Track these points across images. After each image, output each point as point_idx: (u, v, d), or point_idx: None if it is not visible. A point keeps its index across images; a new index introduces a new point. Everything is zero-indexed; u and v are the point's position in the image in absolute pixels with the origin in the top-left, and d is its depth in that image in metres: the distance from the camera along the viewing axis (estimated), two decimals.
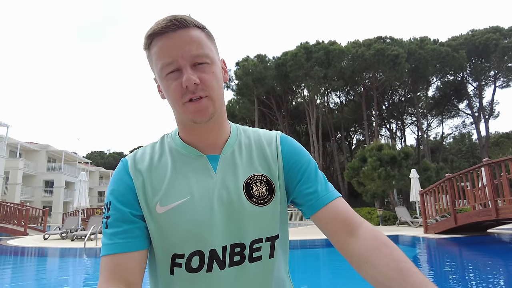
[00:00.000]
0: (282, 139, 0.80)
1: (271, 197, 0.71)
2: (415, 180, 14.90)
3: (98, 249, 9.45)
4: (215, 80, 0.67)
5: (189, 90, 0.64)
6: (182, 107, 0.66)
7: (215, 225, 0.66)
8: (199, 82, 0.64)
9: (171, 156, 0.72)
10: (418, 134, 34.55)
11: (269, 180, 0.73)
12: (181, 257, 0.66)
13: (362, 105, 30.18)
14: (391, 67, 26.33)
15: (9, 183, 29.79)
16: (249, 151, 0.76)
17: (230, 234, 0.67)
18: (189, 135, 0.74)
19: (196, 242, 0.65)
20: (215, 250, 0.66)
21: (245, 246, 0.67)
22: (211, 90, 0.66)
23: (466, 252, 7.59)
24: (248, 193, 0.69)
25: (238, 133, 0.79)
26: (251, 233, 0.68)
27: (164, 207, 0.66)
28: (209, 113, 0.67)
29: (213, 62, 0.68)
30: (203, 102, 0.66)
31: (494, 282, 4.38)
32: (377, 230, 0.66)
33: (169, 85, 0.66)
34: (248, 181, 0.71)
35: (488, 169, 8.78)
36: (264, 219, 0.69)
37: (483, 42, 28.90)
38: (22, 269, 7.21)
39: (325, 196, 0.72)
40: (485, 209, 8.88)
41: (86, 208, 19.10)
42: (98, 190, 49.32)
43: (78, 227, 13.43)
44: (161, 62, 0.65)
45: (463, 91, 32.66)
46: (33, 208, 17.24)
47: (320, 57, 26.99)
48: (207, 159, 0.72)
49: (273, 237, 0.70)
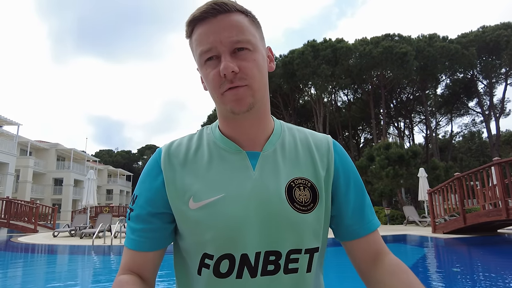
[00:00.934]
0: (335, 146, 0.73)
1: (314, 205, 0.65)
2: (424, 179, 14.75)
3: (106, 246, 9.57)
4: (256, 68, 0.62)
5: (227, 79, 0.60)
6: (220, 97, 0.62)
7: (249, 228, 0.61)
8: (238, 70, 0.59)
9: (208, 149, 0.68)
10: (427, 132, 34.17)
11: (314, 186, 0.66)
12: (210, 258, 0.62)
13: (370, 103, 29.93)
14: (399, 65, 26.05)
15: (20, 181, 30.29)
16: (293, 151, 0.69)
17: (265, 240, 0.61)
18: (229, 128, 0.69)
19: (227, 244, 0.61)
20: (247, 256, 0.61)
21: (281, 255, 0.62)
22: (251, 79, 0.61)
23: (475, 253, 7.48)
24: (290, 197, 0.63)
25: (282, 130, 0.73)
26: (289, 241, 0.62)
27: (197, 203, 0.62)
28: (247, 103, 0.62)
29: (255, 49, 0.63)
30: (241, 91, 0.61)
31: (505, 284, 4.31)
32: (399, 260, 0.66)
33: (207, 74, 0.63)
34: (291, 184, 0.65)
35: (498, 168, 8.64)
36: (305, 228, 0.63)
37: (494, 38, 28.40)
38: (33, 265, 7.32)
39: (369, 224, 0.69)
40: (495, 209, 8.75)
41: (94, 206, 19.33)
42: (107, 188, 49.89)
43: (87, 225, 13.60)
44: (200, 49, 0.62)
45: (473, 88, 32.17)
46: (43, 205, 17.51)
47: (327, 55, 26.82)
48: (246, 156, 0.66)
49: (313, 250, 0.65)
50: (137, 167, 66.15)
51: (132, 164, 67.04)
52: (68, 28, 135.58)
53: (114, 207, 30.83)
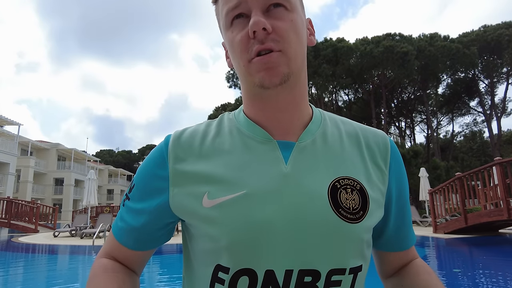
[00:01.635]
0: (393, 147, 0.60)
1: (364, 213, 0.51)
2: (424, 179, 14.72)
3: None
4: (293, 31, 0.50)
5: (257, 39, 0.49)
6: (247, 65, 0.51)
7: (278, 237, 0.48)
8: (270, 29, 0.48)
9: (230, 137, 0.56)
10: (428, 132, 34.14)
11: (364, 189, 0.53)
12: (225, 271, 0.49)
13: (371, 103, 29.91)
14: (400, 64, 26.03)
15: (21, 181, 30.35)
16: (338, 144, 0.56)
17: (300, 256, 0.48)
18: (257, 111, 0.56)
19: (246, 255, 0.48)
20: (274, 273, 0.47)
21: (319, 276, 0.48)
22: (287, 43, 0.49)
23: (476, 253, 7.46)
24: (335, 201, 0.50)
25: (322, 119, 0.59)
26: (331, 259, 0.49)
27: (213, 200, 0.50)
28: (281, 72, 0.50)
29: (293, 9, 0.52)
30: (274, 57, 0.49)
31: (507, 284, 4.29)
32: (425, 263, 0.62)
33: (233, 37, 0.51)
34: (336, 184, 0.51)
35: (500, 168, 8.61)
36: (353, 241, 0.50)
37: (495, 38, 28.35)
38: (33, 265, 7.33)
39: (408, 239, 0.62)
40: (497, 209, 8.73)
41: (95, 206, 19.34)
42: (107, 188, 49.94)
43: (87, 225, 13.61)
44: (227, 7, 0.51)
45: (474, 88, 32.12)
46: (43, 205, 17.54)
47: (328, 54, 26.81)
48: (277, 146, 0.54)
49: (357, 268, 0.51)
50: (137, 167, 66.01)
51: (133, 164, 67.12)
52: (70, 27, 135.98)
53: (114, 207, 30.76)
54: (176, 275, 4.94)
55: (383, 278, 0.67)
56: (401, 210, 0.60)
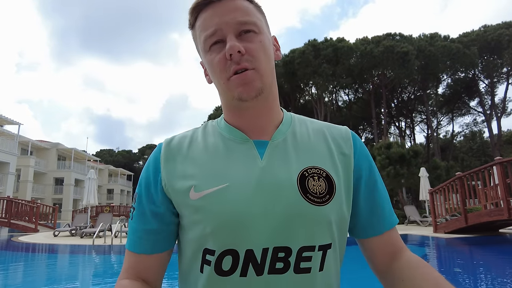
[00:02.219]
0: (355, 136, 0.69)
1: (330, 197, 0.59)
2: (425, 179, 14.72)
3: (106, 246, 9.56)
4: (262, 51, 0.60)
5: (233, 60, 0.57)
6: (226, 83, 0.59)
7: (256, 221, 0.56)
8: (244, 51, 0.57)
9: (214, 140, 0.65)
10: (428, 132, 34.13)
11: (330, 176, 0.60)
12: (212, 253, 0.57)
13: (371, 102, 29.91)
14: (400, 64, 26.02)
15: (21, 180, 30.34)
16: (306, 140, 0.65)
17: (274, 235, 0.56)
18: (235, 118, 0.65)
19: (230, 238, 0.56)
20: (253, 252, 0.55)
21: (291, 252, 0.56)
22: (258, 61, 0.59)
23: (477, 252, 7.46)
24: (303, 188, 0.58)
25: (292, 121, 0.69)
26: (301, 237, 0.56)
27: (199, 193, 0.58)
28: (256, 87, 0.59)
29: (261, 32, 0.61)
30: (249, 75, 0.58)
31: (507, 284, 4.28)
32: (420, 258, 0.63)
33: (212, 59, 0.60)
34: (304, 173, 0.59)
35: (500, 168, 8.61)
36: (319, 222, 0.57)
37: (495, 38, 28.35)
38: (34, 265, 7.32)
39: (388, 221, 0.65)
40: (497, 209, 8.72)
41: (95, 205, 19.34)
42: (107, 188, 49.95)
43: (87, 224, 13.61)
44: (205, 34, 0.60)
45: (474, 88, 32.12)
46: (43, 205, 17.54)
47: (328, 54, 26.80)
48: (253, 145, 0.62)
49: (326, 246, 0.58)
50: (138, 167, 66.21)
51: (133, 164, 67.13)
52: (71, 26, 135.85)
53: (114, 207, 30.81)
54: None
55: (377, 273, 0.66)
56: (372, 188, 0.66)
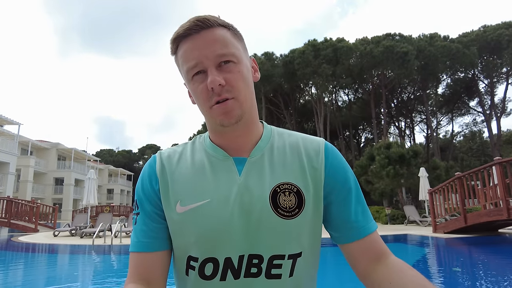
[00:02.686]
0: (327, 149, 0.73)
1: (299, 210, 0.65)
2: (424, 179, 14.73)
3: (106, 246, 9.57)
4: (241, 80, 0.65)
5: (214, 92, 0.63)
6: (209, 111, 0.65)
7: (232, 233, 0.63)
8: (224, 83, 0.62)
9: (200, 156, 0.71)
10: (428, 132, 34.14)
11: (300, 190, 0.66)
12: (195, 260, 0.64)
13: (371, 103, 29.91)
14: (400, 64, 26.02)
15: (21, 180, 30.33)
16: (281, 156, 0.70)
17: (248, 244, 0.63)
18: (218, 138, 0.72)
19: (210, 248, 0.63)
20: (231, 259, 0.63)
21: (263, 259, 0.63)
22: (237, 91, 0.64)
23: (476, 252, 7.47)
24: (274, 203, 0.64)
25: (271, 136, 0.74)
26: (272, 247, 0.63)
27: (184, 207, 0.65)
28: (235, 115, 0.64)
29: (239, 61, 0.65)
30: (229, 104, 0.63)
31: (506, 284, 4.30)
32: (404, 262, 0.65)
33: (195, 88, 0.65)
34: (276, 189, 0.65)
35: (499, 168, 8.62)
36: (288, 233, 0.63)
37: (495, 38, 28.33)
38: (33, 265, 7.33)
39: (365, 226, 0.68)
40: (496, 209, 8.73)
41: (95, 205, 19.34)
42: (107, 188, 49.93)
43: (87, 225, 13.61)
44: (187, 66, 0.65)
45: (474, 88, 32.12)
46: (43, 205, 17.54)
47: (328, 54, 26.80)
48: (233, 162, 0.68)
49: (296, 255, 0.64)
50: (137, 167, 66.17)
51: (132, 164, 67.08)
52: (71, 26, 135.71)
53: (114, 207, 30.82)
54: None
55: (360, 277, 0.69)
56: (344, 197, 0.69)
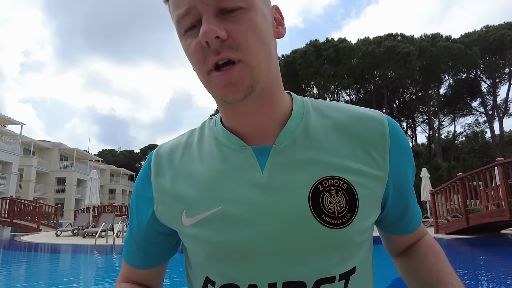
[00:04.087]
0: (393, 129, 0.52)
1: (352, 215, 0.46)
2: (426, 179, 14.69)
3: (108, 246, 9.60)
4: (252, 32, 0.44)
5: (211, 49, 0.43)
6: (206, 78, 0.46)
7: (257, 251, 0.46)
8: (225, 36, 0.42)
9: (209, 147, 0.53)
10: (430, 132, 34.07)
11: (352, 187, 0.47)
12: (212, 284, 0.49)
13: (373, 103, 29.87)
14: (402, 64, 25.99)
15: (23, 180, 30.44)
16: (323, 139, 0.50)
17: (282, 267, 0.46)
18: (229, 119, 0.52)
19: (228, 271, 0.47)
20: (257, 287, 0.46)
21: (305, 287, 0.46)
22: (246, 49, 0.43)
23: (478, 253, 7.45)
24: (316, 207, 0.46)
25: (305, 112, 0.53)
26: (317, 268, 0.46)
27: (191, 218, 0.49)
28: (243, 87, 0.44)
29: (251, 6, 0.44)
30: (235, 72, 0.43)
31: (508, 285, 4.29)
32: (434, 242, 0.59)
33: (188, 46, 0.46)
34: (318, 187, 0.46)
35: (501, 169, 8.59)
36: (339, 248, 0.46)
37: (497, 38, 28.26)
38: (36, 264, 7.36)
39: (419, 218, 0.59)
40: (499, 210, 8.71)
41: (97, 205, 19.40)
42: (109, 188, 50.03)
43: (89, 224, 13.65)
44: (177, 13, 0.45)
45: (476, 88, 32.03)
46: (46, 205, 17.60)
47: (329, 55, 26.79)
48: (252, 153, 0.50)
49: (349, 272, 0.48)
50: (139, 167, 66.29)
51: (134, 164, 67.21)
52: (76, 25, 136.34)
53: (116, 207, 30.86)
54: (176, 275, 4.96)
55: (391, 255, 0.65)
56: (403, 197, 0.54)
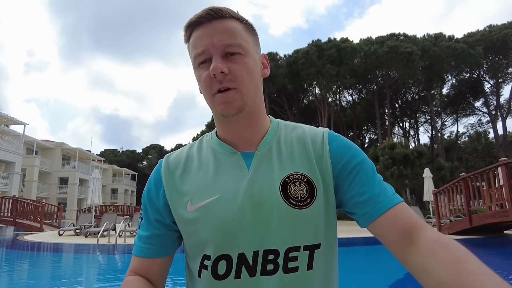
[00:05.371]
0: (330, 137, 0.71)
1: (311, 200, 0.63)
2: (429, 180, 14.64)
3: (110, 245, 9.62)
4: (246, 71, 0.64)
5: (217, 79, 0.63)
6: (211, 98, 0.65)
7: (245, 227, 0.62)
8: (227, 71, 0.62)
9: (207, 154, 0.71)
10: (432, 132, 33.94)
11: (310, 180, 0.65)
12: (208, 259, 0.63)
13: (375, 103, 29.80)
14: (404, 64, 25.90)
15: (26, 180, 30.56)
16: (289, 148, 0.69)
17: (262, 239, 0.61)
18: (224, 131, 0.71)
19: (223, 244, 0.62)
20: (245, 255, 0.61)
21: (279, 254, 0.61)
22: (240, 82, 0.63)
23: (481, 254, 7.41)
24: (285, 194, 0.63)
25: (278, 129, 0.74)
26: (286, 239, 0.61)
27: (194, 205, 0.65)
28: (236, 106, 0.64)
29: (246, 53, 0.65)
30: (230, 95, 0.63)
31: None
32: (439, 234, 0.56)
33: (200, 75, 0.66)
34: (286, 180, 0.64)
35: (505, 169, 8.55)
36: (302, 224, 0.62)
37: (501, 38, 28.13)
38: (38, 263, 7.39)
39: (383, 201, 0.62)
40: (502, 210, 8.66)
41: (99, 205, 19.45)
42: (111, 188, 50.17)
43: (92, 224, 13.68)
44: (194, 52, 0.65)
45: (479, 88, 31.89)
46: (48, 204, 17.67)
47: (332, 54, 26.74)
48: (240, 156, 0.68)
49: (313, 246, 0.62)
50: (141, 167, 66.45)
51: (137, 164, 67.34)
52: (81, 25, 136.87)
53: (119, 206, 30.98)
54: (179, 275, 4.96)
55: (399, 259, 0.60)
56: (355, 175, 0.66)
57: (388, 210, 0.61)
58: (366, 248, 8.87)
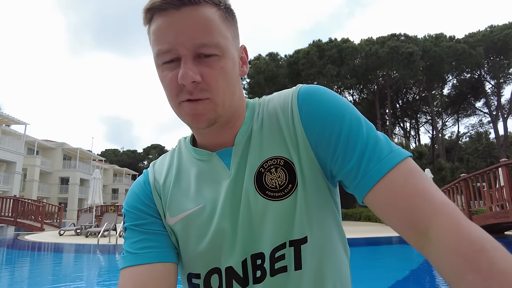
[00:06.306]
0: (300, 100, 0.56)
1: (293, 186, 0.53)
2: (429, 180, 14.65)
3: (111, 245, 9.63)
4: (222, 77, 0.51)
5: (186, 89, 0.50)
6: (177, 107, 0.53)
7: (228, 236, 0.54)
8: (199, 79, 0.49)
9: (185, 162, 0.63)
10: (433, 133, 33.92)
11: (289, 162, 0.54)
12: (197, 277, 0.56)
13: (376, 103, 29.80)
14: (405, 65, 25.89)
15: (27, 179, 30.62)
16: (266, 129, 0.58)
17: (248, 245, 0.54)
18: (198, 136, 0.62)
19: (210, 258, 0.55)
20: (232, 268, 0.54)
21: (264, 257, 0.53)
22: (215, 91, 0.51)
23: None
24: (260, 186, 0.53)
25: (254, 113, 0.61)
26: (270, 238, 0.53)
27: (174, 218, 0.57)
28: (207, 119, 0.52)
29: (224, 54, 0.51)
30: (201, 105, 0.51)
31: None
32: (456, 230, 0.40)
33: (164, 76, 0.52)
34: (260, 170, 0.54)
35: (506, 170, 8.53)
36: (284, 216, 0.53)
37: (502, 38, 28.10)
38: (39, 263, 7.40)
39: (373, 169, 0.48)
40: (503, 211, 8.65)
41: (99, 205, 19.47)
42: (112, 188, 50.22)
43: (92, 224, 13.69)
44: (157, 48, 0.51)
45: (480, 89, 31.86)
46: (49, 204, 17.72)
47: (332, 55, 26.75)
48: (217, 157, 0.58)
49: (299, 241, 0.53)
50: (142, 167, 66.50)
51: (137, 164, 67.42)
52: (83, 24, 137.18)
53: (119, 206, 30.97)
54: None
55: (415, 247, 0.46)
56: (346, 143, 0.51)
57: (380, 180, 0.47)
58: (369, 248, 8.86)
